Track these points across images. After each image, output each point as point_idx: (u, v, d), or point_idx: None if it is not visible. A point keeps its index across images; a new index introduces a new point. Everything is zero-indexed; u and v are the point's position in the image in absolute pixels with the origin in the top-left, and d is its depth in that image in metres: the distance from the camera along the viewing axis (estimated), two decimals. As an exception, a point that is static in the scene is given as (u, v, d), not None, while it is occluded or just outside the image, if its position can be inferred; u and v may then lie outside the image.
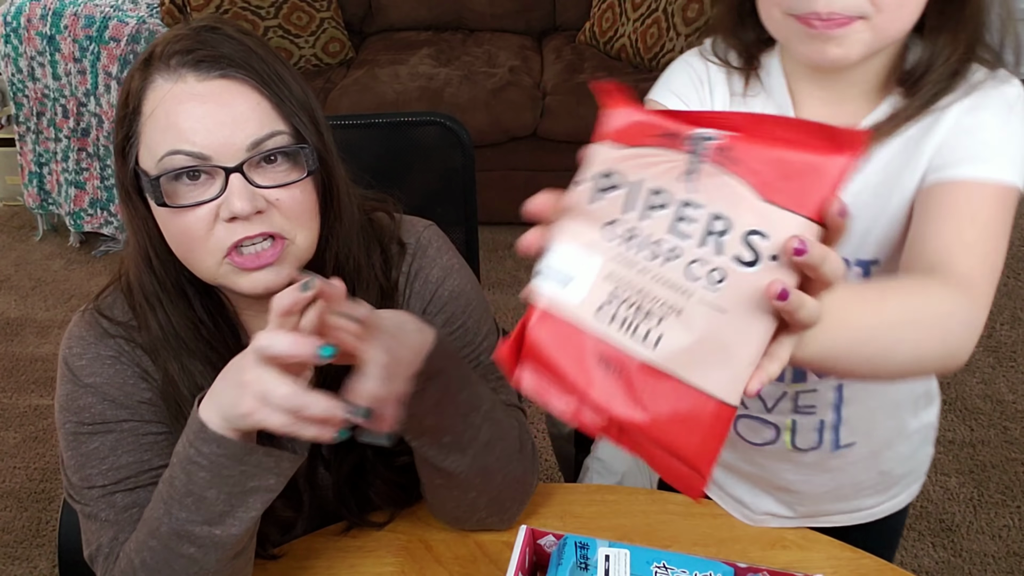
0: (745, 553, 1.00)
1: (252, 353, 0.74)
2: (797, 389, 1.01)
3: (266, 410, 0.73)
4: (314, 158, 0.86)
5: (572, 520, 1.05)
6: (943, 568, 1.94)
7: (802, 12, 0.79)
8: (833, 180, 0.50)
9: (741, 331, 0.51)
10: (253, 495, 0.81)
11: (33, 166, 3.09)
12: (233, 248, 0.84)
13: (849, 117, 0.89)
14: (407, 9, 3.47)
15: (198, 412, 0.79)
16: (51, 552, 2.01)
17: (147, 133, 0.84)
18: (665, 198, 0.54)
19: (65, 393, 0.93)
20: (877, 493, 1.11)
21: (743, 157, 0.53)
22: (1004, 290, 2.80)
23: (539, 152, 2.99)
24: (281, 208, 0.85)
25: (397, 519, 1.05)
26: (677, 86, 0.98)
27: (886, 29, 0.80)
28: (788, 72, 0.92)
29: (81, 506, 0.92)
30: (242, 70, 0.84)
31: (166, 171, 0.82)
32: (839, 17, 0.78)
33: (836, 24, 0.78)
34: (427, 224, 1.06)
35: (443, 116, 1.37)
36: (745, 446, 1.07)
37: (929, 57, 0.85)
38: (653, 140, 0.55)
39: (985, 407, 2.37)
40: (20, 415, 2.41)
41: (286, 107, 0.85)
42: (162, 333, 0.91)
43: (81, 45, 2.85)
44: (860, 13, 0.78)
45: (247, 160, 0.83)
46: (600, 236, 0.55)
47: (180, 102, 0.82)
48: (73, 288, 2.93)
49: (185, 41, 0.84)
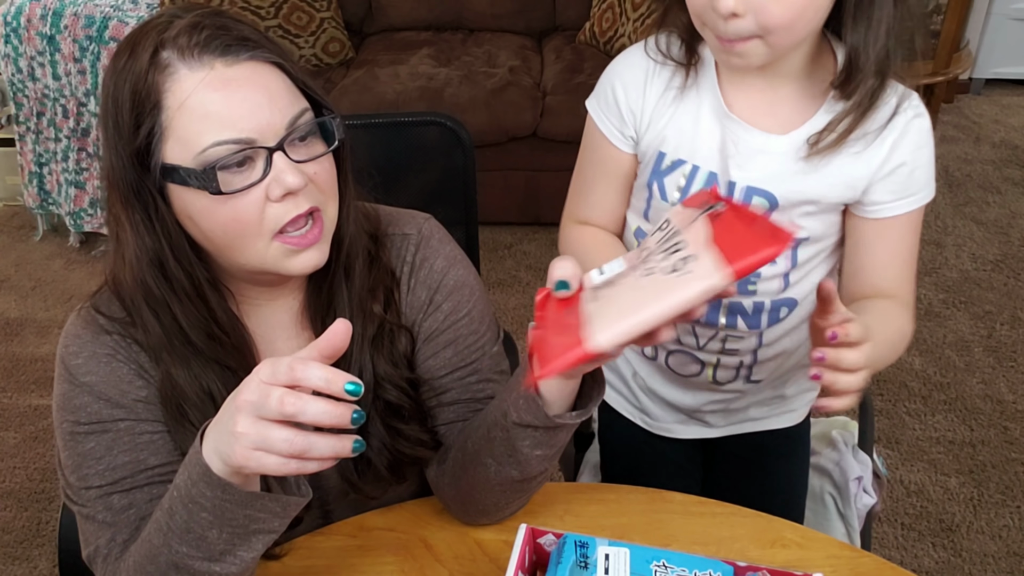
0: (744, 552, 1.00)
1: (250, 406, 0.70)
2: (727, 333, 1.17)
3: (264, 457, 0.70)
4: (343, 128, 0.89)
5: (572, 519, 1.05)
6: (943, 568, 1.94)
7: (714, 31, 0.96)
8: (759, 259, 0.69)
9: (637, 308, 0.72)
10: (256, 536, 0.80)
11: (33, 166, 3.09)
12: (281, 231, 0.85)
13: (785, 123, 1.04)
14: (407, 9, 3.47)
15: (201, 452, 0.76)
16: (51, 552, 2.01)
17: (179, 125, 0.82)
18: (675, 234, 0.80)
19: (62, 392, 0.93)
20: (772, 410, 1.32)
21: (723, 220, 0.76)
22: (1004, 290, 2.81)
23: (539, 152, 2.99)
24: (318, 182, 0.87)
25: (397, 517, 1.05)
26: (625, 80, 1.12)
27: (780, 44, 0.95)
28: (720, 70, 1.06)
29: (79, 507, 0.92)
30: (265, 51, 0.85)
31: (213, 161, 0.81)
32: (737, 38, 0.94)
33: (737, 42, 0.94)
34: (427, 217, 1.07)
35: (443, 116, 1.37)
36: (673, 376, 1.26)
37: (853, 54, 0.97)
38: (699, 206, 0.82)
39: (985, 407, 2.37)
40: (20, 415, 2.41)
41: (301, 83, 0.88)
42: (167, 337, 0.90)
43: (81, 45, 2.85)
44: (753, 34, 0.93)
45: (286, 138, 0.84)
46: (636, 255, 0.83)
47: (215, 89, 0.81)
48: (73, 288, 2.93)
49: (203, 30, 0.83)
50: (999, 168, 3.54)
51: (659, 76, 1.10)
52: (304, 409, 0.68)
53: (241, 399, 0.71)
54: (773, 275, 1.12)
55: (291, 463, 0.70)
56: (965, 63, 3.85)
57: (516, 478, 0.94)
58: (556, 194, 3.08)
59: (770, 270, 1.12)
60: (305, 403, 0.68)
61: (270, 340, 0.99)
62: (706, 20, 0.95)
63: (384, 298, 1.00)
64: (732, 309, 1.15)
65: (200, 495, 0.76)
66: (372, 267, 0.99)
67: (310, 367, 0.69)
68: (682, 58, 1.07)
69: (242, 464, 0.71)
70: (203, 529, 0.78)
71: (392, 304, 1.01)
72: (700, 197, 0.83)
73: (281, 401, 0.68)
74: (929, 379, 2.46)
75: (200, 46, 0.82)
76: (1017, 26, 3.96)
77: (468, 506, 1.01)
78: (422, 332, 1.02)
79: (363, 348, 0.98)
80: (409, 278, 1.02)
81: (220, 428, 0.74)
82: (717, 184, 1.08)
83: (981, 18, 3.94)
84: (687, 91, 1.08)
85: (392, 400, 0.99)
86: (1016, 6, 3.92)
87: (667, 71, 1.10)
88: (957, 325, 2.66)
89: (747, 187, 1.07)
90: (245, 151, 0.82)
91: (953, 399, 2.40)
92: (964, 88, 4.13)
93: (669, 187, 1.11)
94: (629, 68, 1.12)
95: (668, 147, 1.10)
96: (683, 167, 1.10)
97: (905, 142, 1.03)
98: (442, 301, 1.01)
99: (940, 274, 2.89)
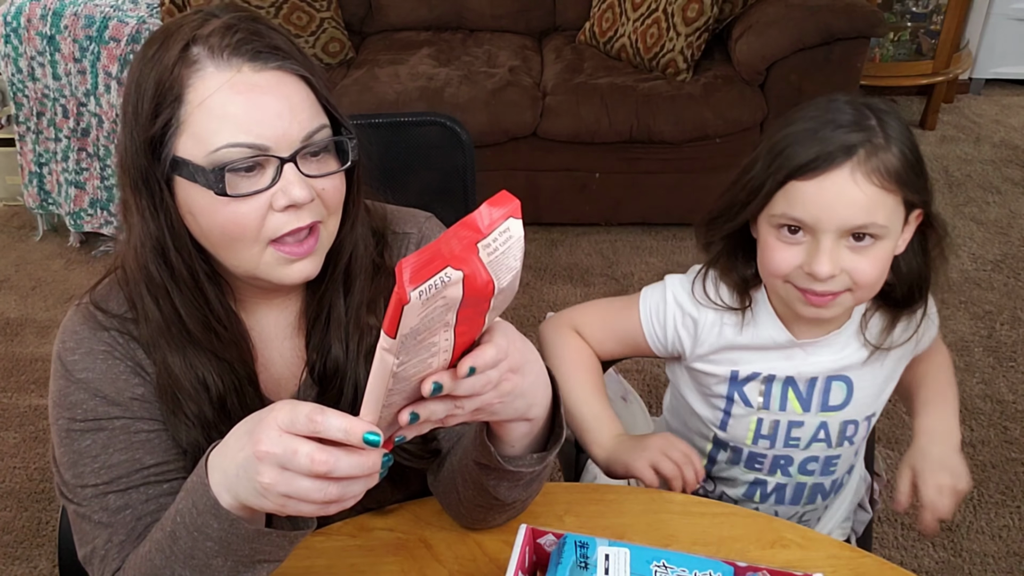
0: (744, 552, 1.00)
1: (274, 458, 0.68)
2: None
3: (300, 506, 0.70)
4: (357, 150, 0.89)
5: (572, 519, 1.05)
6: (943, 568, 1.94)
7: (803, 287, 1.04)
8: (392, 309, 0.63)
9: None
10: (260, 565, 0.80)
11: (33, 166, 3.09)
12: (278, 239, 0.85)
13: (830, 321, 1.14)
14: (407, 9, 3.47)
15: (209, 484, 0.75)
16: (51, 552, 2.01)
17: (196, 122, 0.82)
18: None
19: (58, 389, 0.93)
20: None
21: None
22: (1004, 290, 2.80)
23: (539, 152, 2.99)
24: (324, 198, 0.87)
25: (398, 518, 1.05)
26: (664, 322, 1.19)
27: (864, 296, 1.08)
28: (778, 310, 1.15)
29: (74, 505, 0.92)
30: (294, 62, 0.85)
31: (224, 162, 0.82)
32: (830, 293, 1.03)
33: (829, 297, 1.04)
34: (427, 216, 1.08)
35: (443, 116, 1.37)
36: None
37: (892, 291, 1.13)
38: None
39: (985, 407, 2.37)
40: (20, 415, 2.41)
41: (324, 99, 0.88)
42: (165, 324, 0.90)
43: (81, 45, 2.85)
44: (845, 288, 1.03)
45: (300, 151, 0.84)
46: None
47: (238, 92, 0.82)
48: (73, 288, 2.93)
49: (237, 32, 0.83)
50: (999, 168, 3.54)
51: (710, 315, 1.17)
52: (336, 467, 0.68)
53: (262, 450, 0.69)
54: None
55: (329, 508, 0.70)
56: (965, 63, 3.85)
57: (494, 505, 0.95)
58: (556, 194, 3.10)
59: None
60: (336, 459, 0.68)
61: (267, 339, 0.99)
62: (794, 279, 1.04)
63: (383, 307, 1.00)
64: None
65: (206, 525, 0.76)
66: (376, 277, 0.99)
67: (328, 417, 0.68)
68: (735, 303, 1.15)
69: (276, 511, 0.71)
70: (208, 557, 0.78)
71: None
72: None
73: (311, 460, 0.67)
74: (929, 379, 2.46)
75: (231, 48, 0.82)
76: (1017, 26, 3.96)
77: (461, 517, 1.02)
78: None
79: (358, 363, 0.98)
80: None
81: (239, 473, 0.72)
82: (795, 386, 1.18)
83: (981, 18, 3.94)
84: (745, 328, 1.16)
85: None
86: (1016, 6, 3.92)
87: (716, 312, 1.17)
88: (957, 325, 2.65)
89: (827, 376, 1.17)
90: (256, 157, 0.82)
91: (953, 399, 2.39)
92: (964, 88, 4.13)
93: (751, 394, 1.19)
94: (681, 307, 1.18)
95: (740, 367, 1.18)
96: (759, 377, 1.18)
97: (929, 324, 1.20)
98: None
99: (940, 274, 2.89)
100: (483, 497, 0.94)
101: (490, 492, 0.92)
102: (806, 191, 1.00)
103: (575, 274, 2.92)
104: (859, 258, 1.02)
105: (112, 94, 2.85)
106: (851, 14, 2.83)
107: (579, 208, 3.08)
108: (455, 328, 0.66)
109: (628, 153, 2.97)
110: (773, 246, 1.05)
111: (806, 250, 1.02)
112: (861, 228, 1.00)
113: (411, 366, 0.66)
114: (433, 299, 0.61)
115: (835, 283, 1.02)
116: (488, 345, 0.71)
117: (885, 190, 1.00)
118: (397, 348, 0.63)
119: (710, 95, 2.94)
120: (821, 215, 1.00)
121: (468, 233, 0.63)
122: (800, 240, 1.03)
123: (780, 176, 1.02)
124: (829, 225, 1.00)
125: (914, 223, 1.07)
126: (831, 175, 0.99)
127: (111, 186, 3.00)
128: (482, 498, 0.94)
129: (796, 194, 1.01)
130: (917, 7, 3.66)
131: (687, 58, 2.99)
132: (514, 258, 0.65)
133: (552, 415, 0.87)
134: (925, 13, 3.66)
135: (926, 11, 3.66)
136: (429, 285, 0.60)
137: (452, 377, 0.70)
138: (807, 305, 1.06)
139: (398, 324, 0.61)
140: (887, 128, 1.01)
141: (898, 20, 3.68)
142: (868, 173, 0.99)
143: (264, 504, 0.71)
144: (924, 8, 3.66)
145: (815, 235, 1.01)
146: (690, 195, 3.01)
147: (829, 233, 1.00)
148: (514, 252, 0.65)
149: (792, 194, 1.02)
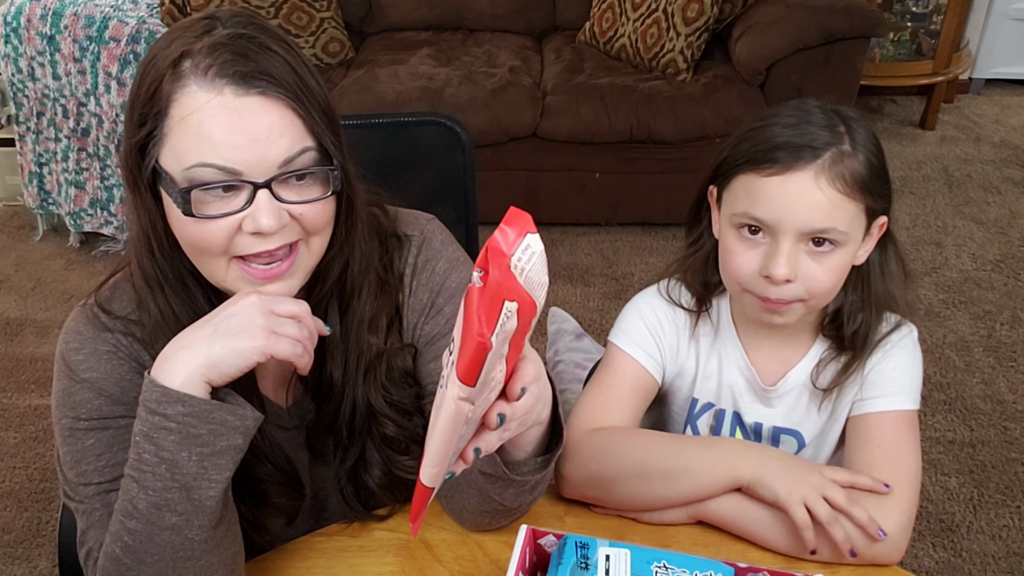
0: (745, 553, 1.00)
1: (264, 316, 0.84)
2: None
3: (278, 340, 0.83)
4: (342, 178, 0.87)
5: (573, 520, 1.05)
6: (943, 568, 1.94)
7: (758, 294, 1.04)
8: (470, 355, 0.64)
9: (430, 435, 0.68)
10: (223, 456, 0.83)
11: (33, 166, 3.09)
12: (242, 257, 0.85)
13: (788, 359, 1.15)
14: (407, 9, 3.47)
15: (153, 380, 0.82)
16: (51, 552, 2.01)
17: (175, 137, 0.83)
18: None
19: (61, 388, 0.93)
20: None
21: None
22: (1004, 290, 2.81)
23: (539, 152, 2.99)
24: (304, 221, 0.86)
25: (397, 518, 1.05)
26: (636, 336, 1.18)
27: (816, 306, 1.07)
28: (736, 319, 1.16)
29: (76, 504, 0.93)
30: (280, 88, 0.83)
31: (194, 183, 0.82)
32: (784, 301, 1.04)
33: (782, 304, 1.04)
34: (429, 218, 1.07)
35: (443, 116, 1.37)
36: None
37: (844, 308, 1.10)
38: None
39: (985, 407, 2.37)
40: (20, 415, 2.41)
41: (315, 122, 0.85)
42: (163, 320, 0.92)
43: (81, 45, 2.85)
44: (798, 298, 1.03)
45: (276, 177, 0.83)
46: None
47: (215, 114, 0.81)
48: (73, 288, 2.93)
49: (225, 52, 0.82)
50: (999, 168, 3.54)
51: (674, 316, 1.19)
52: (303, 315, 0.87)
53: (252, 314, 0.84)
54: None
55: (297, 347, 0.84)
56: (965, 63, 3.85)
57: (499, 510, 0.96)
58: (556, 194, 3.10)
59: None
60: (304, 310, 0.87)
61: None
62: (751, 285, 1.05)
63: (387, 324, 0.99)
64: None
65: (163, 420, 0.81)
66: (380, 295, 0.99)
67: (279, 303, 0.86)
68: (693, 307, 1.17)
69: (263, 346, 0.82)
70: (172, 454, 0.82)
71: (395, 326, 1.01)
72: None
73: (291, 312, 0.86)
74: (929, 379, 2.46)
75: (216, 69, 0.81)
76: (1017, 26, 3.96)
77: (465, 522, 1.03)
78: (423, 336, 1.02)
79: (356, 382, 0.98)
80: (411, 280, 1.02)
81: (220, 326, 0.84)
82: (743, 426, 1.17)
83: (981, 18, 3.94)
84: (702, 338, 1.18)
85: (390, 434, 1.00)
86: (1016, 6, 3.92)
87: (681, 314, 1.18)
88: (957, 325, 2.65)
89: (773, 427, 1.17)
90: (230, 180, 0.82)
91: (953, 399, 2.39)
92: (964, 88, 4.13)
93: (702, 428, 1.20)
94: (649, 307, 1.19)
95: (699, 393, 1.19)
96: (712, 410, 1.19)
97: (894, 352, 1.11)
98: (444, 304, 1.01)
99: (940, 274, 2.89)
100: (489, 503, 0.95)
101: (495, 499, 0.93)
102: (768, 190, 1.00)
103: (575, 274, 2.92)
104: (816, 265, 1.01)
105: (112, 94, 2.85)
106: (851, 14, 2.83)
107: (579, 208, 3.08)
108: (506, 357, 0.66)
109: (628, 153, 2.97)
110: (734, 249, 1.05)
111: (765, 253, 1.02)
112: (821, 232, 1.00)
113: (479, 406, 0.67)
114: (502, 337, 0.61)
115: (789, 291, 1.02)
116: (526, 361, 0.72)
117: (848, 196, 1.00)
118: (476, 395, 0.63)
119: (710, 95, 2.94)
120: (783, 215, 1.00)
121: (500, 260, 0.61)
122: (760, 242, 1.03)
123: (744, 151, 1.03)
124: (789, 226, 1.00)
125: (876, 234, 1.07)
126: (795, 175, 0.99)
127: (111, 186, 3.00)
128: (488, 504, 0.95)
129: (758, 193, 1.01)
130: (917, 7, 3.66)
131: (687, 58, 2.99)
132: (542, 273, 0.64)
133: (552, 415, 0.87)
134: (925, 13, 3.66)
135: (926, 11, 3.66)
136: (499, 324, 0.60)
137: (506, 402, 0.72)
138: (764, 311, 1.06)
139: (480, 372, 0.61)
140: (855, 135, 1.01)
141: (898, 20, 3.68)
142: (832, 179, 0.99)
143: (242, 344, 0.82)
144: (924, 8, 3.66)
145: (775, 236, 1.01)
146: (690, 195, 3.00)
147: (789, 235, 1.00)
148: (540, 267, 0.64)
149: (754, 193, 1.01)
